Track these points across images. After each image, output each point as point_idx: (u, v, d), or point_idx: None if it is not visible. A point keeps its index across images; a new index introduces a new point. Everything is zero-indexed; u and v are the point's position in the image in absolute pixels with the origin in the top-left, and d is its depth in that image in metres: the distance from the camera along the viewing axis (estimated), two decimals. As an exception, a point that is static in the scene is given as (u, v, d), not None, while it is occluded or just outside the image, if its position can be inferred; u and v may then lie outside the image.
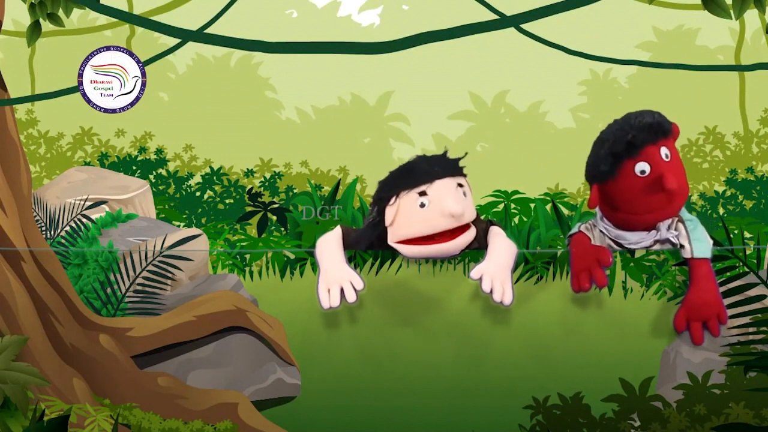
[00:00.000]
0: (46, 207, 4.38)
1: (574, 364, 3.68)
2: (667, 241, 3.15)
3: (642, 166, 3.02)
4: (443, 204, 3.03)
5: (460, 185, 3.14)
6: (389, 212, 3.13)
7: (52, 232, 4.26)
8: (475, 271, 3.08)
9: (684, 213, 3.15)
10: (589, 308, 3.99)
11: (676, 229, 3.13)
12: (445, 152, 3.23)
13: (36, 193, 4.57)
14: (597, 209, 3.27)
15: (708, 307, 3.13)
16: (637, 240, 3.17)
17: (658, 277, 4.15)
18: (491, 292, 3.03)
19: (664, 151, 3.03)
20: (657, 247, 3.20)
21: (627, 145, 3.02)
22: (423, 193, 3.07)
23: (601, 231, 3.24)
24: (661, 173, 2.99)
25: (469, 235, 3.14)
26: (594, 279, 3.10)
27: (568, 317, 3.92)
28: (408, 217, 3.09)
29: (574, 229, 3.31)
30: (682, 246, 3.11)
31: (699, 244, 3.09)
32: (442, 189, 3.07)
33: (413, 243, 3.12)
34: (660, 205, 3.06)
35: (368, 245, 3.30)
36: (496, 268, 3.09)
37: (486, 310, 3.80)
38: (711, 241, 3.13)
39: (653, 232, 3.13)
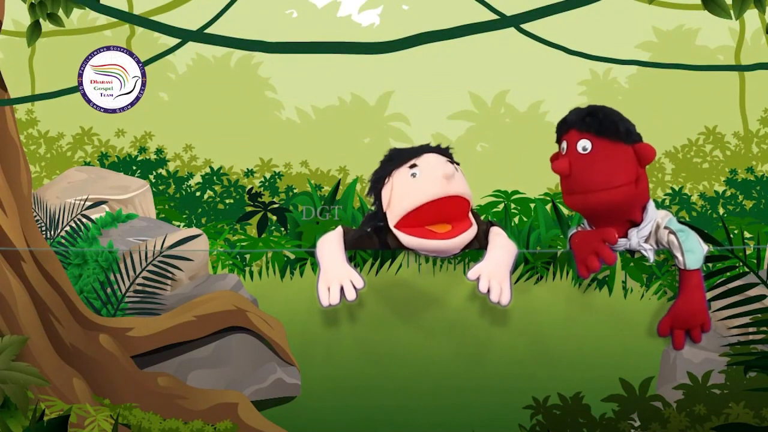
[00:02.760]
0: (46, 207, 4.38)
1: (574, 364, 3.69)
2: (639, 252, 3.17)
3: (563, 144, 3.07)
4: (434, 168, 3.03)
5: (451, 162, 3.15)
6: (385, 194, 3.13)
7: (52, 232, 4.26)
8: (473, 271, 3.07)
9: (674, 224, 3.14)
10: (589, 308, 3.99)
11: (667, 242, 3.12)
12: (438, 145, 3.24)
13: (36, 193, 4.58)
14: None
15: (694, 317, 3.13)
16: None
17: (658, 277, 4.15)
18: (488, 292, 3.02)
19: (583, 143, 3.00)
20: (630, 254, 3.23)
21: (562, 122, 3.08)
22: (413, 165, 3.08)
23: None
24: (563, 156, 3.03)
25: (470, 233, 3.13)
26: (601, 257, 3.06)
27: (568, 317, 3.93)
28: (402, 191, 3.08)
29: (573, 230, 3.31)
30: (675, 257, 3.12)
31: (691, 255, 3.08)
32: (431, 157, 3.09)
33: (414, 232, 3.09)
34: (563, 188, 3.10)
35: (368, 243, 3.28)
36: (495, 267, 3.08)
37: (486, 309, 3.80)
38: (705, 248, 3.12)
39: (624, 240, 3.14)
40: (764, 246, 3.55)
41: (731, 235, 3.32)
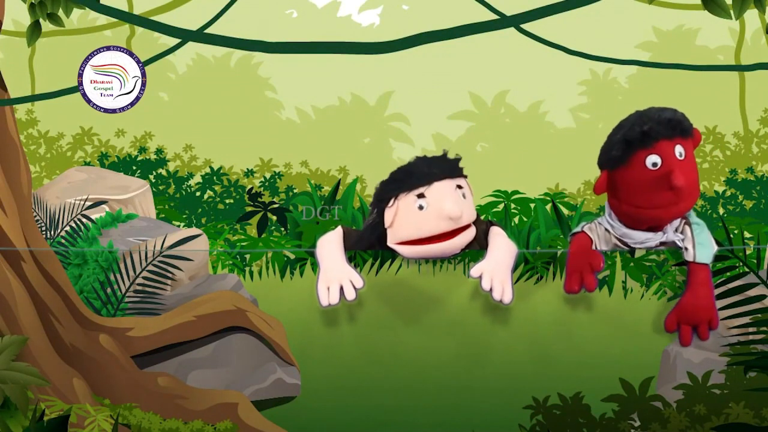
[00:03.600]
0: (46, 207, 4.38)
1: (574, 364, 3.68)
2: (673, 243, 3.14)
3: (654, 159, 2.97)
4: (441, 206, 3.03)
5: (460, 186, 3.14)
6: (388, 214, 3.14)
7: (52, 232, 4.26)
8: (475, 270, 3.08)
9: (692, 216, 3.14)
10: (589, 308, 3.99)
11: (682, 232, 3.11)
12: (445, 153, 3.22)
13: (36, 193, 4.58)
14: (606, 205, 3.26)
15: (700, 313, 3.13)
16: (643, 240, 3.16)
17: (658, 277, 4.15)
18: (491, 290, 3.03)
19: (678, 149, 2.99)
20: (660, 247, 3.19)
21: (642, 135, 2.98)
22: (421, 195, 3.07)
23: (606, 229, 3.22)
24: (671, 169, 2.95)
25: (469, 234, 3.14)
26: (583, 283, 3.11)
27: (568, 317, 3.92)
28: (406, 220, 3.09)
29: (577, 229, 3.30)
30: (685, 248, 3.11)
31: (702, 249, 3.08)
32: (441, 191, 3.07)
33: (412, 243, 3.12)
34: (665, 202, 3.01)
35: (368, 246, 3.31)
36: (496, 266, 3.09)
37: (486, 309, 3.80)
38: (715, 247, 3.12)
39: (659, 233, 3.12)
40: (764, 246, 3.55)
41: (731, 235, 3.31)
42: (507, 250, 3.19)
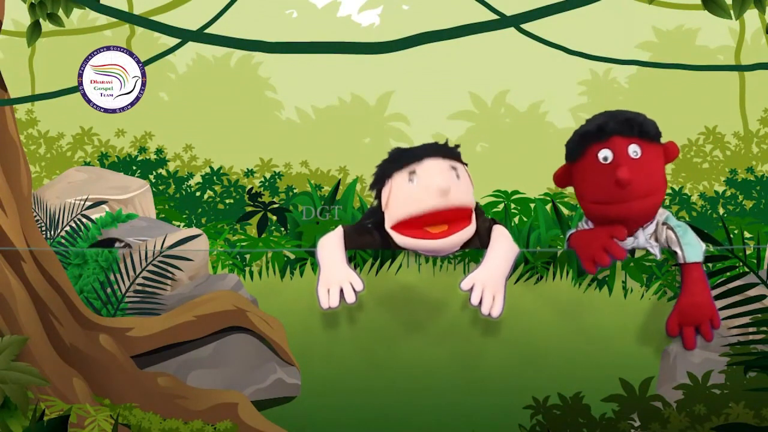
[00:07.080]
0: (46, 207, 4.38)
1: (575, 363, 3.68)
2: (645, 249, 3.14)
3: (605, 153, 2.97)
4: (431, 179, 3.00)
5: (454, 168, 3.11)
6: (384, 195, 3.13)
7: (52, 232, 4.26)
8: (467, 281, 3.04)
9: (672, 220, 3.13)
10: (589, 308, 3.99)
11: (665, 238, 3.11)
12: (446, 141, 3.21)
13: (36, 193, 4.58)
14: None
15: (700, 311, 3.11)
16: None
17: (658, 277, 4.15)
18: (480, 304, 3.00)
19: (633, 147, 2.98)
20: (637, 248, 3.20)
21: (597, 128, 3.00)
22: (413, 172, 3.06)
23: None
24: (618, 163, 2.92)
25: (466, 233, 3.11)
26: (611, 253, 3.03)
27: (567, 317, 3.93)
28: (399, 197, 3.07)
29: (571, 231, 3.30)
30: (674, 252, 3.10)
31: (690, 248, 3.07)
32: (431, 166, 3.05)
33: (409, 225, 3.08)
34: (612, 198, 2.98)
35: (367, 235, 3.26)
36: (489, 276, 3.04)
37: (486, 310, 3.80)
38: (703, 245, 3.11)
39: (630, 238, 3.11)
40: (764, 246, 3.55)
41: (731, 235, 3.31)
42: (504, 257, 3.15)
